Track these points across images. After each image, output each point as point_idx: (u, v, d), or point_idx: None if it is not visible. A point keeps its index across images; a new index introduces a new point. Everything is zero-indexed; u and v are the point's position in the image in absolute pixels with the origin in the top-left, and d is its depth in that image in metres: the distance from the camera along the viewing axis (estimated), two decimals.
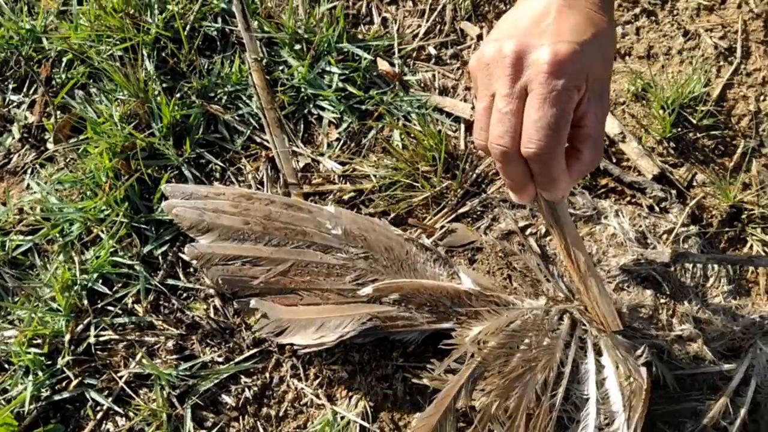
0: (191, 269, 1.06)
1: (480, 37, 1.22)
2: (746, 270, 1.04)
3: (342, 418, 0.94)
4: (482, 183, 1.10)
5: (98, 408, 0.98)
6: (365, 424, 0.94)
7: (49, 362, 1.00)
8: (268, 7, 1.23)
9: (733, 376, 0.94)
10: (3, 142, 1.21)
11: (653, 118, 1.12)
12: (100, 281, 1.04)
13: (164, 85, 1.17)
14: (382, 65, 1.18)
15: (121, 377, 0.99)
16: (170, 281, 1.05)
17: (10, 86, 1.25)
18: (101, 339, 1.01)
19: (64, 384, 1.00)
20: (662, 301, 0.99)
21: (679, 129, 1.11)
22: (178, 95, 1.16)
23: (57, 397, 0.98)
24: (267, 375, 0.99)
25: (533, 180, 0.66)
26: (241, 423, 0.97)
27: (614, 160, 1.10)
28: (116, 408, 0.97)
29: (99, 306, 1.03)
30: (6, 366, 1.02)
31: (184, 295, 1.05)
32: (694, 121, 1.11)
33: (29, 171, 1.17)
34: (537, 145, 0.61)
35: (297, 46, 1.19)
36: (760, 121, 1.13)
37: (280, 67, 1.20)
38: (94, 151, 1.11)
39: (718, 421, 0.93)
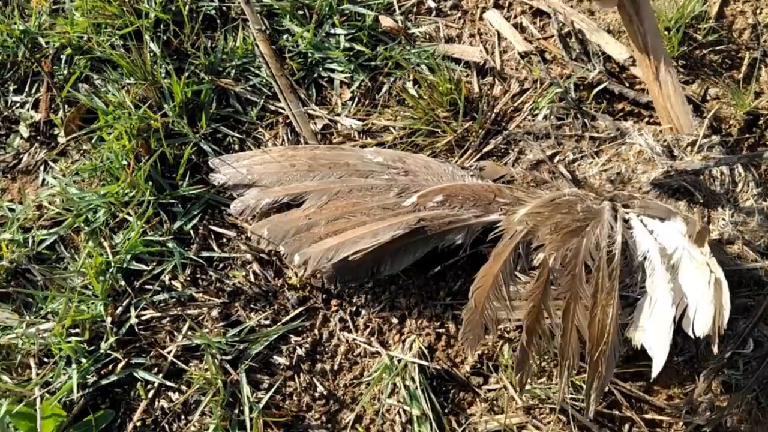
0: (224, 240, 1.06)
1: None
2: None
3: (399, 361, 0.94)
4: (502, 121, 1.11)
5: (149, 386, 0.97)
6: (424, 363, 0.94)
7: (92, 348, 0.99)
8: None
9: None
10: (11, 143, 1.19)
11: None
12: (134, 262, 1.03)
13: (171, 66, 1.17)
14: (386, 21, 1.19)
15: (169, 352, 0.98)
16: (205, 254, 1.04)
17: (11, 88, 1.24)
18: (143, 318, 1.00)
19: (110, 368, 0.98)
20: (696, 209, 1.01)
21: (686, 47, 1.14)
22: (186, 74, 1.16)
23: (104, 382, 0.97)
24: (316, 332, 0.99)
25: None
26: (297, 381, 0.96)
27: (627, 85, 1.12)
28: (168, 383, 0.96)
29: (137, 286, 1.02)
30: (45, 359, 1.00)
31: (221, 265, 1.04)
32: (700, 38, 1.14)
33: (42, 167, 1.16)
34: None
35: (299, 13, 1.19)
36: (761, 32, 1.16)
37: (284, 36, 1.20)
38: (109, 138, 1.11)
39: None
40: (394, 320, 0.99)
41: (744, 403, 0.91)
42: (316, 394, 0.95)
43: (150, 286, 1.02)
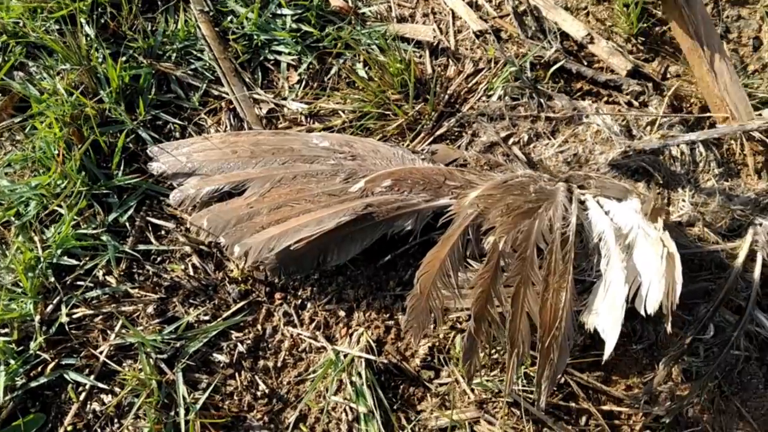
0: (163, 231, 1.00)
1: None
2: (734, 152, 1.03)
3: (345, 356, 0.90)
4: (456, 103, 1.07)
5: (80, 388, 0.91)
6: (371, 357, 0.89)
7: (21, 348, 0.93)
8: None
9: (738, 253, 0.93)
10: None
11: (618, 17, 1.10)
12: (66, 257, 0.97)
13: (108, 50, 1.11)
14: (335, 1, 1.14)
15: (101, 352, 0.92)
16: (141, 246, 0.99)
17: None
18: (74, 316, 0.95)
19: (40, 369, 0.93)
20: (656, 190, 0.97)
21: (645, 24, 1.10)
22: (123, 58, 1.10)
23: (34, 384, 0.91)
24: (259, 327, 0.94)
25: None
26: (237, 379, 0.91)
27: (585, 63, 1.08)
28: (100, 385, 0.91)
29: (68, 282, 0.96)
30: None
31: (159, 258, 0.99)
32: (659, 14, 1.10)
33: None
34: None
35: None
36: (722, 8, 1.13)
37: (228, 17, 1.15)
38: (41, 126, 1.05)
39: (731, 298, 0.91)
40: (342, 313, 0.94)
41: (705, 392, 0.87)
42: (258, 393, 0.90)
43: (82, 282, 0.96)
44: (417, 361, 0.91)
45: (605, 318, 0.76)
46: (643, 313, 0.73)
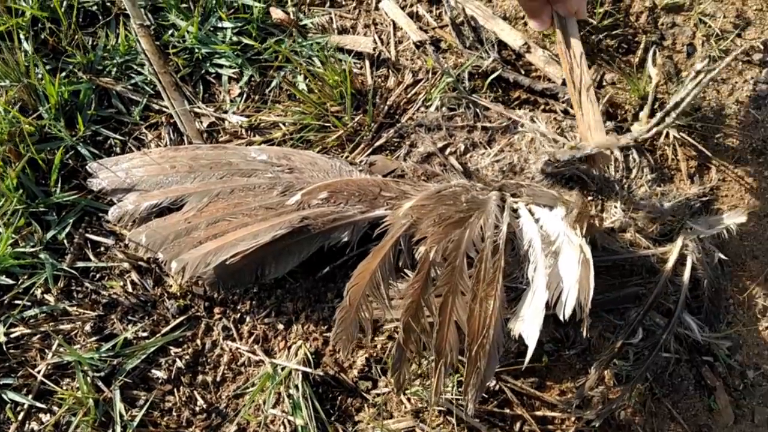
0: (102, 248, 1.02)
1: None
2: (667, 157, 1.06)
3: (282, 369, 0.91)
4: (395, 113, 1.09)
5: (18, 408, 0.92)
6: (308, 370, 0.91)
7: None
8: None
9: (668, 257, 0.96)
10: None
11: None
12: (3, 276, 0.98)
13: (48, 66, 1.12)
14: (276, 13, 1.16)
15: (38, 371, 0.93)
16: (80, 264, 1.00)
17: None
18: (12, 336, 0.95)
19: None
20: (590, 197, 1.01)
21: (582, 33, 1.13)
22: (63, 74, 1.11)
23: None
24: (198, 342, 0.96)
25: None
26: (176, 395, 0.92)
27: (523, 72, 1.11)
28: (38, 404, 0.92)
29: (5, 301, 0.97)
30: None
31: (98, 275, 1.00)
32: (595, 23, 1.13)
33: None
34: None
35: (184, 6, 1.16)
36: (657, 15, 1.16)
37: (170, 31, 1.16)
38: None
39: (661, 302, 0.94)
40: (280, 326, 0.96)
41: (636, 395, 0.90)
42: (197, 408, 0.92)
43: (20, 301, 0.97)
44: (355, 372, 0.93)
45: (528, 324, 0.78)
46: (561, 318, 0.76)
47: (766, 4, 1.19)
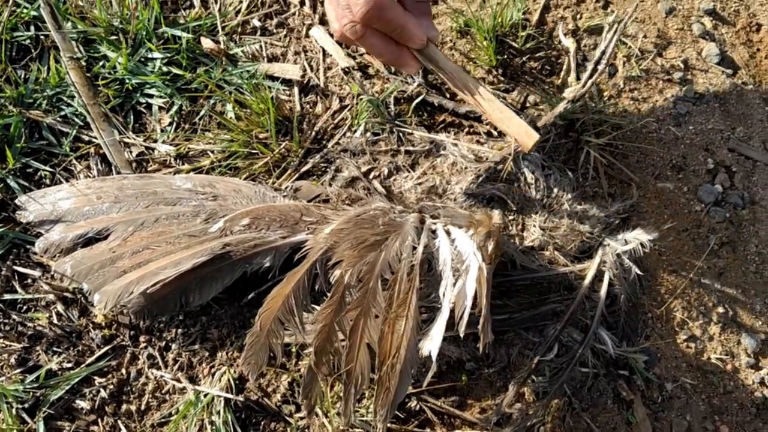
0: (29, 280, 1.05)
1: (302, 3, 1.27)
2: (589, 176, 1.12)
3: (205, 395, 0.95)
4: (323, 139, 1.14)
5: None
6: (229, 396, 0.94)
7: None
8: (79, 6, 1.25)
9: (586, 274, 1.01)
10: None
11: (479, 50, 1.19)
12: None
13: None
14: (206, 43, 1.21)
15: None
16: (7, 296, 1.03)
17: None
18: None
19: None
20: (511, 217, 1.05)
21: (505, 56, 1.19)
22: None
23: None
24: (123, 371, 0.99)
25: (396, 43, 0.85)
26: (100, 425, 0.95)
27: (448, 96, 1.17)
28: None
29: None
30: None
31: (24, 307, 1.03)
32: (518, 46, 1.19)
33: None
34: (363, 3, 0.78)
35: (113, 37, 1.20)
36: (581, 37, 1.23)
37: (101, 62, 1.21)
38: None
39: (579, 318, 0.99)
40: (205, 353, 0.99)
41: (555, 410, 0.94)
42: None
43: None
44: (278, 396, 0.96)
45: (434, 342, 0.82)
46: (461, 334, 0.80)
47: (686, 23, 1.26)
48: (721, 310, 1.03)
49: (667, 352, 1.01)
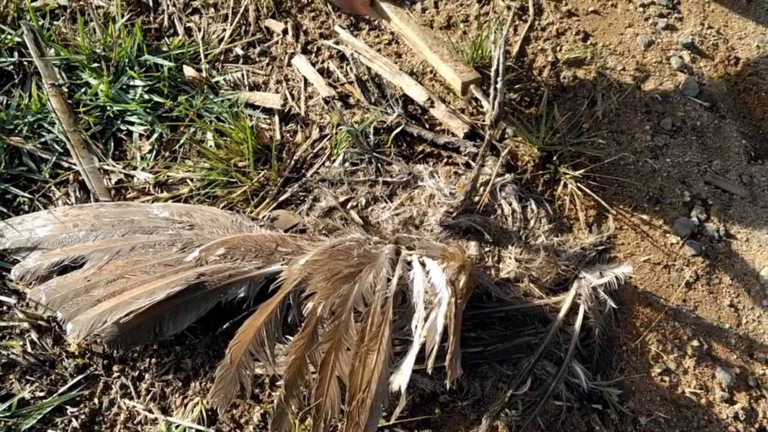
0: (5, 308, 1.06)
1: (285, 32, 1.30)
2: (566, 207, 1.14)
3: (177, 427, 0.96)
4: (302, 168, 1.16)
5: None
6: (201, 428, 0.95)
7: None
8: (63, 33, 1.27)
9: (561, 306, 1.02)
10: None
11: None
12: None
13: None
14: (188, 71, 1.23)
15: None
16: None
17: None
18: None
19: None
20: (487, 249, 1.07)
21: (485, 87, 1.22)
22: None
23: None
24: (96, 400, 1.00)
25: None
26: None
27: (427, 126, 1.19)
28: None
29: None
30: None
31: None
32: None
33: None
34: None
35: (95, 65, 1.23)
36: (560, 69, 1.26)
37: (82, 89, 1.23)
38: None
39: (554, 351, 1.00)
40: (178, 383, 1.00)
41: None
42: None
43: None
44: (250, 428, 0.97)
45: (404, 376, 0.83)
46: (428, 371, 0.82)
47: (665, 56, 1.29)
48: (695, 343, 1.05)
49: (642, 386, 1.02)
